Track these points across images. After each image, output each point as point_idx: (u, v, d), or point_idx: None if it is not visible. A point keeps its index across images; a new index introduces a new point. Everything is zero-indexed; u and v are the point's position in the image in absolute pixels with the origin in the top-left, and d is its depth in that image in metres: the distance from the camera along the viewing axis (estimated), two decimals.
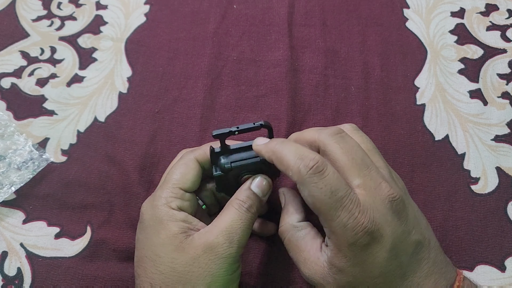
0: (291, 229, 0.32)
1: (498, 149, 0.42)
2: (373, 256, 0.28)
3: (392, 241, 0.28)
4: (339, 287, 0.29)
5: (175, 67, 0.48)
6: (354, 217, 0.27)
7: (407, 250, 0.29)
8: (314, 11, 0.51)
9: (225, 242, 0.30)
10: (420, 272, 0.29)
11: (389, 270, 0.28)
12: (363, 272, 0.28)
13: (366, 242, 0.28)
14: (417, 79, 0.46)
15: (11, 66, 0.48)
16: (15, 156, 0.42)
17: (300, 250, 0.31)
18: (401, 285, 0.29)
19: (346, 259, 0.28)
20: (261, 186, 0.33)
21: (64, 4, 0.52)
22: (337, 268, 0.29)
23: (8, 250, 0.39)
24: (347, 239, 0.28)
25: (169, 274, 0.30)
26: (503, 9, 0.49)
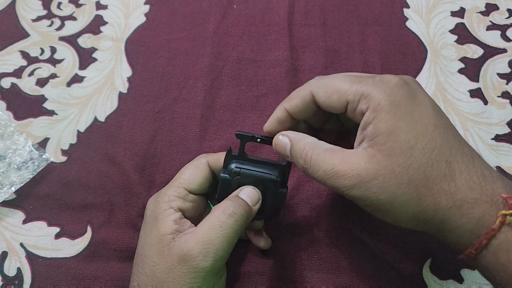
0: (315, 144, 0.29)
1: (498, 148, 0.42)
2: (419, 106, 0.27)
3: (429, 99, 0.28)
4: (388, 162, 0.26)
5: (175, 67, 0.48)
6: (382, 75, 0.28)
7: (447, 119, 0.28)
8: (314, 11, 0.51)
9: (199, 255, 0.28)
10: (472, 150, 0.27)
11: (442, 124, 0.27)
12: (415, 124, 0.26)
13: (406, 91, 0.27)
14: (417, 78, 0.46)
15: (11, 66, 0.48)
16: (15, 156, 0.42)
17: (329, 155, 0.28)
18: (460, 149, 0.26)
19: (391, 114, 0.26)
20: (251, 195, 0.32)
21: (64, 4, 0.52)
22: (384, 132, 0.26)
23: (8, 250, 0.39)
24: (385, 90, 0.26)
25: (151, 277, 0.30)
26: (503, 9, 0.49)
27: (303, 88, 0.31)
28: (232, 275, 0.38)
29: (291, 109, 0.31)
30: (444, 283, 0.37)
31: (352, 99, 0.28)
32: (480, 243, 0.25)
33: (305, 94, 0.30)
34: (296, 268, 0.38)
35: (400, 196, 0.25)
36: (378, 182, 0.26)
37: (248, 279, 0.38)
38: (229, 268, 0.38)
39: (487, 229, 0.24)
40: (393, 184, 0.25)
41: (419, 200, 0.25)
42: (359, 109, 0.27)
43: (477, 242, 0.25)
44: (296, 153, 0.30)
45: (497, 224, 0.24)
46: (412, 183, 0.25)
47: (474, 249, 0.25)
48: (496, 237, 0.24)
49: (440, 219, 0.26)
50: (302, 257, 0.38)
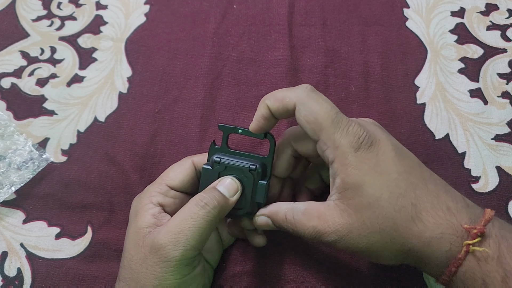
0: (290, 208, 0.31)
1: (498, 148, 0.42)
2: (382, 156, 0.29)
3: (391, 144, 0.30)
4: (359, 215, 0.28)
5: (175, 67, 0.48)
6: (353, 125, 0.29)
7: (411, 156, 0.30)
8: (314, 11, 0.51)
9: (168, 244, 0.29)
10: (437, 183, 0.29)
11: (404, 167, 0.29)
12: (379, 176, 0.28)
13: (369, 144, 0.29)
14: (417, 78, 0.46)
15: (11, 66, 0.48)
16: (15, 156, 0.42)
17: (307, 218, 0.30)
18: (424, 189, 0.28)
19: (356, 170, 0.28)
20: (228, 186, 0.33)
21: (64, 4, 0.52)
22: (351, 187, 0.28)
23: (8, 250, 0.39)
24: (352, 144, 0.28)
25: (128, 270, 0.31)
26: (503, 9, 0.49)
27: (290, 94, 0.31)
28: (230, 274, 0.38)
29: (273, 109, 0.32)
30: None
31: (324, 141, 0.29)
32: (450, 272, 0.27)
33: (289, 102, 0.31)
34: (295, 268, 0.38)
35: (375, 243, 0.28)
36: (354, 235, 0.28)
37: (247, 279, 0.38)
38: (227, 268, 0.38)
39: (454, 258, 0.27)
40: (367, 234, 0.28)
41: (393, 244, 0.28)
42: (326, 154, 0.30)
43: (447, 271, 0.27)
44: (280, 223, 0.32)
45: (463, 254, 0.26)
46: (383, 231, 0.28)
47: (446, 276, 0.27)
48: (462, 265, 0.26)
49: (415, 256, 0.28)
50: (302, 257, 0.38)
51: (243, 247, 0.39)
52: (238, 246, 0.39)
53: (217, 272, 0.38)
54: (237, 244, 0.39)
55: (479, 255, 0.26)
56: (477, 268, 0.26)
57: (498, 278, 0.25)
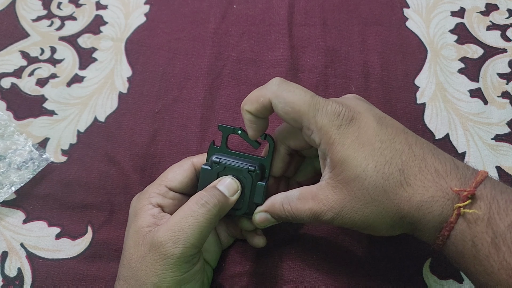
0: (288, 198, 0.32)
1: (498, 148, 0.42)
2: (363, 128, 0.29)
3: (373, 114, 0.30)
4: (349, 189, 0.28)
5: (175, 67, 0.48)
6: (331, 104, 0.30)
7: (394, 124, 0.30)
8: (314, 11, 0.51)
9: (168, 242, 0.29)
10: (424, 147, 0.29)
11: (386, 135, 0.29)
12: (362, 147, 0.28)
13: (350, 119, 0.29)
14: (417, 78, 0.46)
15: (11, 66, 0.48)
16: (15, 156, 0.42)
17: (303, 201, 0.31)
18: (410, 153, 0.28)
19: (340, 145, 0.28)
20: (228, 186, 0.33)
21: (64, 4, 0.52)
22: (338, 163, 0.29)
23: (9, 250, 0.39)
24: (333, 122, 0.29)
25: (128, 268, 0.31)
26: (503, 9, 0.49)
27: (262, 93, 0.31)
28: (230, 275, 0.38)
29: (253, 111, 0.32)
30: (444, 283, 0.37)
31: (307, 126, 0.30)
32: (443, 235, 0.27)
33: (264, 100, 0.31)
34: (295, 268, 0.38)
35: (370, 214, 0.28)
36: (348, 209, 0.29)
37: (247, 279, 0.38)
38: (227, 268, 0.38)
39: (446, 222, 0.27)
40: (360, 207, 0.28)
41: (387, 212, 0.28)
42: (312, 138, 0.30)
43: (440, 235, 0.27)
44: (279, 214, 0.32)
45: (454, 217, 0.26)
46: (375, 200, 0.28)
47: (440, 240, 0.27)
48: (454, 228, 0.27)
49: (409, 222, 0.28)
50: (302, 257, 0.38)
51: (242, 247, 0.39)
52: (238, 246, 0.39)
53: (217, 272, 0.38)
54: (236, 244, 0.39)
55: (469, 217, 0.26)
56: (467, 230, 0.26)
57: (488, 239, 0.25)
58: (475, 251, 0.26)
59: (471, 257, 0.26)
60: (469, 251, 0.26)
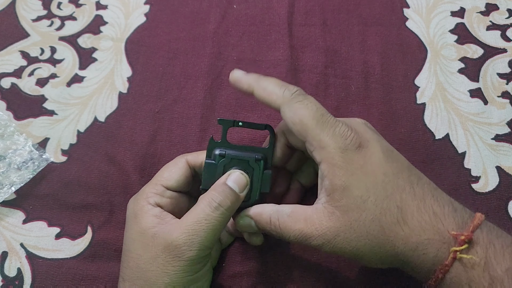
0: (275, 211, 0.31)
1: (498, 148, 0.42)
2: (369, 158, 0.29)
3: (381, 145, 0.29)
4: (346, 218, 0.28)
5: (175, 67, 0.48)
6: (340, 126, 0.29)
7: (400, 159, 0.30)
8: (314, 11, 0.51)
9: (184, 245, 0.29)
10: (425, 187, 0.29)
11: (392, 169, 0.29)
12: (366, 177, 0.28)
13: (357, 145, 0.29)
14: (417, 78, 0.46)
15: (11, 66, 0.48)
16: (15, 156, 0.42)
17: (294, 220, 0.30)
18: (410, 192, 0.28)
19: (344, 170, 0.28)
20: (238, 181, 0.32)
21: (64, 4, 0.52)
22: (339, 189, 0.28)
23: (8, 250, 0.39)
24: (339, 145, 0.28)
25: (135, 269, 0.31)
26: (503, 9, 0.49)
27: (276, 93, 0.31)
28: (229, 274, 0.38)
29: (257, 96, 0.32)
30: None
31: (310, 141, 0.29)
32: (437, 277, 0.27)
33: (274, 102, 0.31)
34: (295, 268, 0.38)
35: (362, 247, 0.28)
36: (341, 239, 0.28)
37: (246, 279, 0.38)
38: (227, 268, 0.38)
39: (441, 265, 0.27)
40: (354, 238, 0.28)
41: (380, 248, 0.28)
42: (314, 155, 0.30)
43: (434, 277, 0.27)
44: (264, 226, 0.31)
45: (450, 260, 0.26)
46: (370, 234, 0.28)
47: (433, 281, 0.27)
48: (449, 271, 0.27)
49: (402, 260, 0.28)
50: (301, 257, 0.38)
51: (242, 247, 0.39)
52: (237, 246, 0.39)
53: (217, 272, 0.38)
54: (236, 244, 0.39)
55: (466, 262, 0.26)
56: (464, 274, 0.26)
57: (485, 284, 0.25)
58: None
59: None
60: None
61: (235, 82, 0.33)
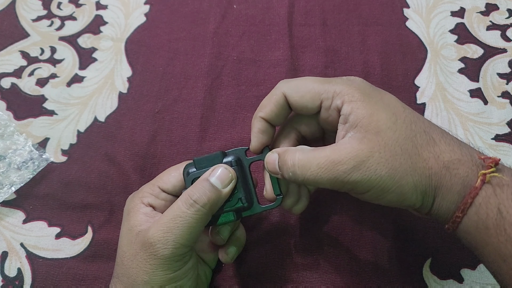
0: (299, 149, 0.30)
1: (498, 148, 0.42)
2: (384, 95, 0.30)
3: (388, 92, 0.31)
4: (379, 138, 0.27)
5: (175, 67, 0.48)
6: (346, 77, 0.32)
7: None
8: (314, 11, 0.51)
9: (158, 242, 0.29)
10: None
11: (407, 107, 0.30)
12: (388, 107, 0.29)
13: (369, 85, 0.31)
14: (417, 78, 0.46)
15: (11, 66, 0.48)
16: (15, 156, 0.42)
17: (318, 151, 0.28)
18: (430, 124, 0.29)
19: (366, 103, 0.28)
20: (221, 176, 0.31)
21: (64, 4, 0.52)
22: (366, 116, 0.28)
23: (8, 250, 0.39)
24: (353, 85, 0.30)
25: (120, 266, 0.31)
26: (503, 9, 0.49)
27: (274, 92, 0.32)
28: (229, 275, 0.38)
29: (267, 116, 0.32)
30: (444, 283, 0.37)
31: (326, 97, 0.30)
32: (466, 203, 0.26)
33: (277, 98, 0.31)
34: (295, 268, 0.38)
35: (398, 167, 0.27)
36: (375, 159, 0.27)
37: (247, 280, 0.38)
38: (227, 269, 0.38)
39: (471, 188, 0.26)
40: (389, 157, 0.27)
41: (415, 168, 0.27)
42: (334, 106, 0.30)
43: (463, 202, 0.26)
44: (285, 161, 0.30)
45: (479, 183, 0.26)
46: (405, 152, 0.27)
47: (461, 211, 0.26)
48: (478, 195, 0.26)
49: (434, 185, 0.27)
50: (302, 257, 0.38)
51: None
52: None
53: (216, 272, 0.38)
54: None
55: (494, 183, 0.26)
56: (493, 197, 0.26)
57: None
58: (500, 219, 0.25)
59: (495, 227, 0.25)
60: (494, 220, 0.25)
61: (256, 144, 0.32)
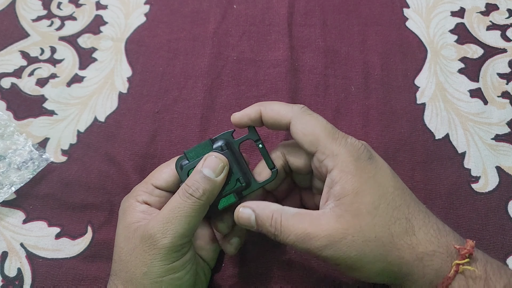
0: (282, 210, 0.30)
1: (498, 148, 0.42)
2: (379, 170, 0.30)
3: (387, 164, 0.31)
4: (356, 221, 0.28)
5: (175, 67, 0.48)
6: (351, 138, 0.30)
7: (402, 183, 0.31)
8: (314, 11, 0.51)
9: (157, 233, 0.29)
10: (425, 208, 0.30)
11: (399, 186, 0.30)
12: (378, 186, 0.29)
13: (369, 157, 0.30)
14: (417, 78, 0.46)
15: (11, 66, 0.48)
16: (15, 156, 0.42)
17: (298, 220, 0.29)
18: (416, 207, 0.29)
19: (357, 177, 0.28)
20: (212, 165, 0.31)
21: (64, 4, 0.52)
22: (351, 193, 0.28)
23: (8, 250, 0.39)
24: (352, 154, 0.29)
25: (118, 263, 0.32)
26: (503, 9, 0.49)
27: (286, 110, 0.32)
28: (229, 275, 0.38)
29: (265, 117, 0.32)
30: None
31: (322, 151, 0.30)
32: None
33: (281, 118, 0.32)
34: (295, 268, 0.38)
35: (368, 253, 0.28)
36: (347, 241, 0.27)
37: (247, 280, 0.38)
38: (226, 268, 0.38)
39: (443, 278, 0.27)
40: (361, 242, 0.27)
41: (386, 256, 0.28)
42: (324, 164, 0.30)
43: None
44: (264, 221, 0.30)
45: (452, 273, 0.27)
46: (378, 240, 0.28)
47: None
48: (451, 284, 0.27)
49: (404, 273, 0.28)
50: (301, 257, 0.38)
51: (242, 247, 0.39)
52: None
53: (216, 272, 0.38)
54: None
55: (468, 275, 0.27)
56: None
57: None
58: None
59: None
60: None
61: (240, 118, 0.33)
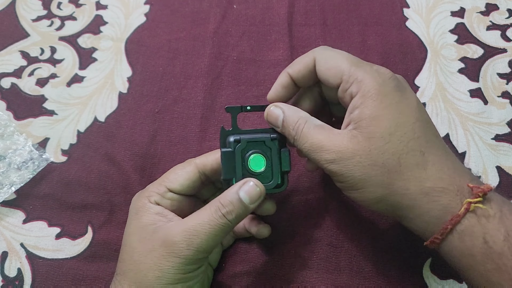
0: (307, 118, 0.31)
1: (498, 148, 0.42)
2: (405, 99, 0.29)
3: (416, 96, 0.30)
4: (367, 144, 0.28)
5: (175, 67, 0.48)
6: (378, 66, 0.30)
7: (429, 117, 0.30)
8: (314, 11, 0.51)
9: (182, 242, 0.29)
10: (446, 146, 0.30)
11: (423, 119, 0.29)
12: (399, 114, 0.28)
13: (395, 84, 0.29)
14: (417, 78, 0.46)
15: (11, 66, 0.48)
16: (15, 156, 0.42)
17: (319, 131, 0.30)
18: (436, 143, 0.29)
19: (377, 102, 0.28)
20: (251, 192, 0.30)
21: (64, 4, 0.52)
22: (368, 117, 0.28)
23: (8, 250, 0.39)
24: (377, 79, 0.29)
25: (127, 262, 0.31)
26: (503, 9, 0.49)
27: (308, 54, 0.33)
28: (230, 275, 0.38)
29: (294, 74, 0.33)
30: (444, 282, 0.37)
31: (346, 79, 0.30)
32: (445, 229, 0.26)
33: (308, 60, 0.32)
34: (296, 268, 0.38)
35: (373, 176, 0.28)
36: (354, 161, 0.28)
37: (247, 279, 0.38)
38: (227, 268, 0.38)
39: (452, 215, 0.26)
40: (368, 165, 0.28)
41: (390, 184, 0.27)
42: (349, 91, 0.30)
43: (443, 227, 0.27)
44: (288, 124, 0.31)
45: (462, 211, 0.26)
46: (385, 166, 0.27)
47: (440, 234, 0.27)
48: (460, 223, 0.26)
49: (407, 204, 0.28)
50: (302, 257, 0.38)
51: (242, 247, 0.39)
52: (238, 246, 0.39)
53: (217, 272, 0.38)
54: (236, 244, 0.39)
55: (479, 213, 0.26)
56: (478, 226, 0.26)
57: (500, 237, 0.25)
58: (487, 249, 0.25)
59: (482, 256, 0.26)
60: (479, 249, 0.26)
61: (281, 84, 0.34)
